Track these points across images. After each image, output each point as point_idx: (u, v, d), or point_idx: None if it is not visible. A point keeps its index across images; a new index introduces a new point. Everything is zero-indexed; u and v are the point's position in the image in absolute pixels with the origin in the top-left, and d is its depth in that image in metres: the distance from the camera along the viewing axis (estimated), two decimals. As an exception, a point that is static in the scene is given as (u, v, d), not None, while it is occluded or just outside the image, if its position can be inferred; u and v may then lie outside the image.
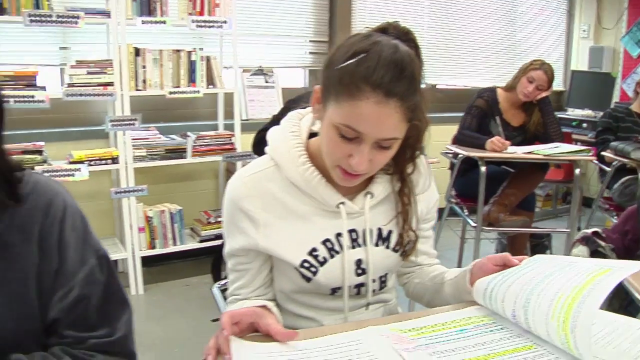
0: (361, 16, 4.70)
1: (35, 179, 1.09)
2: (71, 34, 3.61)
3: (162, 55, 3.52)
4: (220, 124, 3.98)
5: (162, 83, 3.53)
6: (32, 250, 1.05)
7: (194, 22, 3.50)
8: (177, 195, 3.88)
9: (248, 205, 1.26)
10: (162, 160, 3.56)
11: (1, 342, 1.03)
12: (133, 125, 3.35)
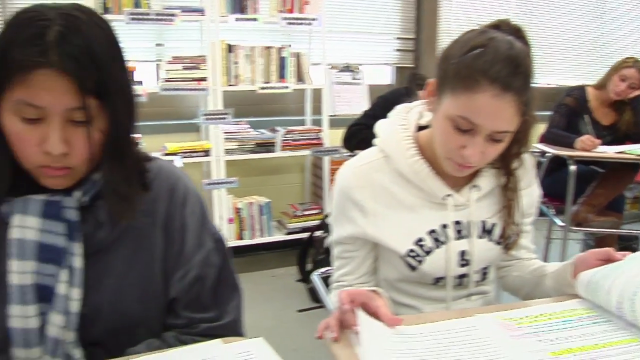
0: (448, 14, 4.68)
1: (159, 164, 1.16)
2: (166, 31, 3.78)
3: (254, 51, 3.63)
4: (308, 119, 4.06)
5: (253, 79, 3.63)
6: (157, 234, 1.13)
7: (285, 20, 3.60)
8: (265, 188, 3.99)
9: (358, 195, 1.32)
10: (252, 154, 3.67)
11: (130, 321, 1.10)
12: (225, 119, 3.47)
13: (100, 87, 0.94)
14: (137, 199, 1.06)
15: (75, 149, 0.97)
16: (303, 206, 3.93)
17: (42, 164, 0.97)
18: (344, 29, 4.35)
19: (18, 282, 1.02)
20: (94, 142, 0.98)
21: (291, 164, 4.14)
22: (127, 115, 1.02)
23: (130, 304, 1.10)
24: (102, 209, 1.07)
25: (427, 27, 4.56)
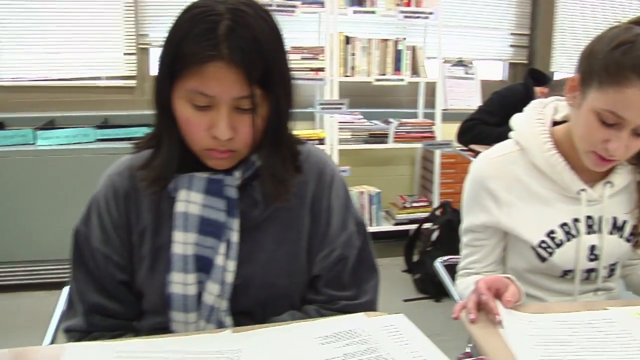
0: (564, 9, 4.60)
1: (308, 148, 1.23)
2: (286, 22, 3.90)
3: (371, 44, 3.70)
4: (420, 112, 4.10)
5: (369, 70, 3.71)
6: (305, 214, 1.21)
7: (402, 13, 3.66)
8: (375, 178, 4.06)
9: (493, 185, 1.38)
10: (365, 144, 3.75)
11: (276, 293, 1.19)
12: (340, 109, 3.57)
13: (265, 78, 1.01)
14: (290, 181, 1.14)
15: (240, 134, 1.05)
16: (412, 198, 3.98)
17: (208, 146, 1.07)
18: (459, 24, 4.36)
19: (181, 252, 1.13)
20: (256, 128, 1.06)
21: (402, 156, 4.20)
22: (287, 103, 1.10)
23: (277, 278, 1.18)
24: (258, 188, 1.16)
25: (543, 23, 4.50)
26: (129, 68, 3.83)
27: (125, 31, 3.78)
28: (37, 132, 3.35)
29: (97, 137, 3.40)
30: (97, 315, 1.19)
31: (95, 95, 3.84)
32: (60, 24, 3.74)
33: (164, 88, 1.05)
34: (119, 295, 1.20)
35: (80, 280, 1.20)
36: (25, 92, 3.79)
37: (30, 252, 3.37)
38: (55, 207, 3.31)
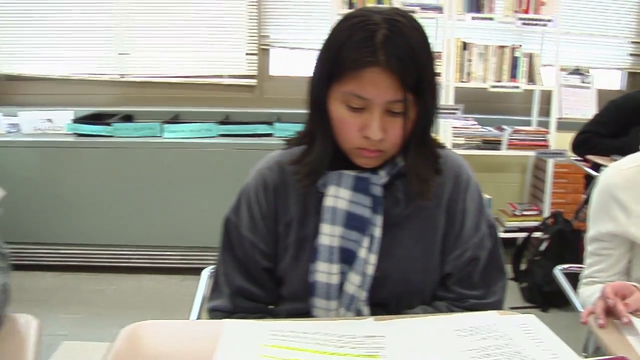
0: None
1: (446, 152, 1.29)
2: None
3: (488, 50, 3.72)
4: (534, 120, 4.06)
5: (485, 77, 3.73)
6: (441, 214, 1.27)
7: (520, 20, 3.65)
8: (486, 184, 4.04)
9: (623, 195, 1.40)
10: (477, 150, 3.76)
11: (411, 288, 1.26)
12: (455, 115, 3.60)
13: (417, 84, 1.08)
14: (432, 182, 1.21)
15: (390, 136, 1.13)
16: (522, 206, 3.95)
17: (359, 145, 1.15)
18: (576, 31, 4.29)
19: (327, 243, 1.21)
20: (405, 131, 1.13)
21: (513, 164, 4.18)
22: (433, 108, 1.16)
23: (413, 273, 1.26)
24: (400, 188, 1.24)
25: (667, 31, 4.36)
26: (250, 68, 4.03)
27: (248, 32, 3.96)
28: (164, 125, 3.58)
29: (219, 132, 3.59)
30: (241, 298, 1.30)
31: (218, 92, 4.06)
32: (186, 25, 3.98)
33: (321, 89, 1.15)
34: (261, 280, 1.31)
35: (227, 265, 1.32)
36: (153, 87, 4.07)
37: (152, 237, 3.62)
38: (178, 197, 3.53)
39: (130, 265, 3.65)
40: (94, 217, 3.59)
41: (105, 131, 3.56)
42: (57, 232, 3.54)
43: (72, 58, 4.08)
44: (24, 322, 1.11)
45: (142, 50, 4.04)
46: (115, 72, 4.08)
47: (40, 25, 4.05)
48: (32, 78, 4.10)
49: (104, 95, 4.08)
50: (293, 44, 4.01)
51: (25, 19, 4.04)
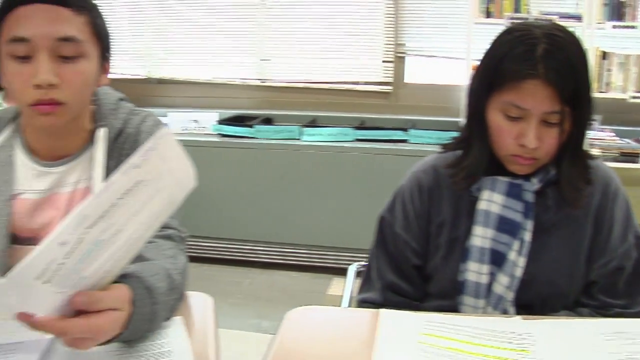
0: None
1: (596, 163, 1.38)
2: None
3: (629, 59, 3.76)
4: (677, 133, 4.05)
5: (624, 87, 3.77)
6: (589, 223, 1.35)
7: (666, 28, 3.67)
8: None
9: None
10: (614, 162, 3.79)
11: (555, 292, 1.35)
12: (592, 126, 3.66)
13: (574, 97, 1.20)
14: (584, 190, 1.31)
15: (545, 145, 1.24)
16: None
17: (515, 153, 1.27)
18: None
19: (479, 245, 1.34)
20: (560, 141, 1.25)
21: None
22: (588, 121, 1.29)
23: (559, 277, 1.35)
24: (551, 195, 1.35)
25: None
26: (386, 75, 4.31)
27: (385, 40, 4.25)
28: (303, 128, 3.91)
29: (356, 137, 3.89)
30: (391, 292, 1.43)
31: (353, 98, 4.38)
32: (325, 33, 4.37)
33: (480, 98, 1.29)
34: (411, 277, 1.44)
35: (380, 260, 1.46)
36: (292, 92, 4.49)
37: (285, 235, 3.99)
38: (313, 198, 3.90)
39: (264, 261, 4.06)
40: (232, 213, 4.01)
41: (248, 133, 3.97)
42: (197, 225, 3.90)
43: (217, 63, 4.63)
44: (200, 300, 1.23)
45: (282, 56, 4.50)
46: (256, 77, 4.57)
47: (188, 33, 4.63)
48: (180, 82, 4.68)
49: (246, 98, 4.57)
50: (428, 52, 4.22)
51: (174, 27, 4.63)
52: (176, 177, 0.90)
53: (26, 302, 0.81)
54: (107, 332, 0.89)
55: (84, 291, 0.85)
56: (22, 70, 1.16)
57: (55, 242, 0.77)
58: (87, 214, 0.78)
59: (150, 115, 1.40)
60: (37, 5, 1.16)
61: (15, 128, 1.36)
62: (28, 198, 1.31)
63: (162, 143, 0.84)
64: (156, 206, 0.88)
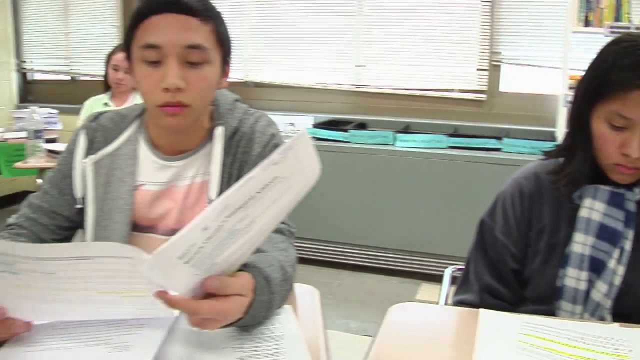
0: None
1: None
2: None
3: None
4: None
5: None
6: None
7: None
8: None
9: None
10: None
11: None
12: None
13: None
14: None
15: None
16: None
17: (617, 162, 1.27)
18: None
19: (579, 251, 1.35)
20: None
21: None
22: None
23: None
24: None
25: None
26: (480, 83, 4.33)
27: (480, 48, 4.28)
28: (397, 134, 3.97)
29: (449, 144, 3.95)
30: (488, 295, 1.45)
31: (447, 105, 4.42)
32: (420, 40, 4.42)
33: (585, 107, 1.30)
34: (509, 280, 1.45)
35: (478, 263, 1.48)
36: (386, 98, 4.58)
37: (375, 238, 4.07)
38: (405, 203, 3.97)
39: (353, 263, 4.16)
40: (324, 215, 4.13)
41: (342, 137, 4.07)
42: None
43: (313, 68, 4.77)
44: (307, 291, 1.29)
45: (377, 63, 4.58)
46: (351, 83, 4.67)
47: (286, 38, 4.79)
48: (277, 86, 4.84)
49: (341, 103, 4.69)
50: (524, 61, 4.20)
51: (273, 33, 4.80)
52: (305, 175, 0.96)
53: (166, 280, 0.91)
54: (231, 316, 0.97)
55: (215, 276, 0.94)
56: (152, 74, 1.28)
57: (199, 227, 0.85)
58: (228, 204, 0.85)
59: (264, 116, 1.49)
60: (169, 14, 1.27)
61: (139, 124, 1.47)
62: (149, 189, 1.42)
63: (299, 143, 0.90)
64: (284, 202, 0.95)
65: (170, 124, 1.34)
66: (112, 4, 5.39)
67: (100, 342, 1.01)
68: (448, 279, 1.81)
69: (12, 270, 0.95)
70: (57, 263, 0.95)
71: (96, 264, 0.94)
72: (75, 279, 0.97)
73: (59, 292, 1.00)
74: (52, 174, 1.48)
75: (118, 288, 0.99)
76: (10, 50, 5.80)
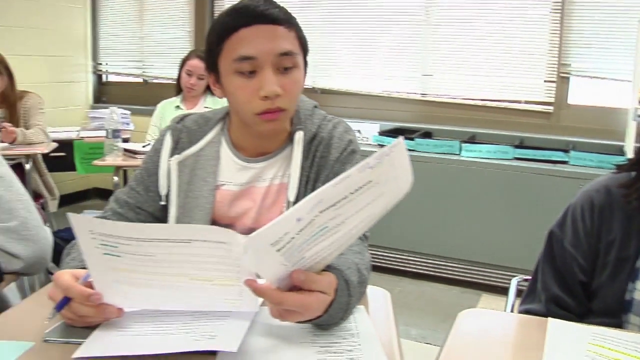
0: None
1: None
2: None
3: None
4: None
5: None
6: None
7: None
8: None
9: None
10: None
11: None
12: None
13: None
14: None
15: None
16: None
17: None
18: None
19: None
20: None
21: None
22: None
23: None
24: None
25: None
26: (548, 94, 4.31)
27: (548, 60, 4.26)
28: (462, 144, 4.00)
29: (515, 156, 3.95)
30: (555, 306, 1.44)
31: (513, 116, 4.42)
32: (487, 51, 4.44)
33: None
34: (576, 292, 1.44)
35: (546, 273, 1.47)
36: (452, 108, 4.62)
37: (437, 247, 4.11)
38: (470, 213, 4.00)
39: (414, 271, 4.21)
40: (388, 222, 4.02)
41: (408, 145, 4.12)
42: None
43: (380, 77, 4.83)
44: (379, 293, 1.32)
45: (444, 72, 4.62)
46: (417, 92, 4.72)
47: (353, 46, 4.88)
48: (343, 93, 4.94)
49: (406, 112, 4.74)
50: (593, 73, 4.16)
51: (340, 41, 4.90)
52: (398, 184, 0.98)
53: (257, 265, 0.95)
54: (313, 311, 1.01)
55: (302, 270, 0.98)
56: (248, 84, 1.35)
57: (294, 217, 0.88)
58: (322, 199, 0.88)
59: (342, 122, 1.54)
60: (258, 26, 1.33)
61: (222, 127, 1.55)
62: (229, 189, 1.49)
63: (396, 151, 0.93)
64: (375, 208, 0.97)
65: (268, 130, 1.41)
66: (184, 9, 5.58)
67: (188, 331, 1.07)
68: (514, 288, 1.82)
69: (116, 252, 1.03)
70: (157, 245, 1.01)
71: (193, 248, 1.01)
72: (171, 263, 1.03)
73: (154, 277, 1.06)
74: (138, 172, 1.56)
75: (209, 275, 1.05)
76: (87, 52, 6.07)
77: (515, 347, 1.20)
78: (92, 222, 1.03)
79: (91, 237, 1.01)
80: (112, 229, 1.02)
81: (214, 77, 1.44)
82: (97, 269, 1.06)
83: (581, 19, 4.12)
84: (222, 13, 1.40)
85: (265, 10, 1.34)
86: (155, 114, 4.30)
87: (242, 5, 1.36)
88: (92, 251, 1.03)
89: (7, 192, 1.54)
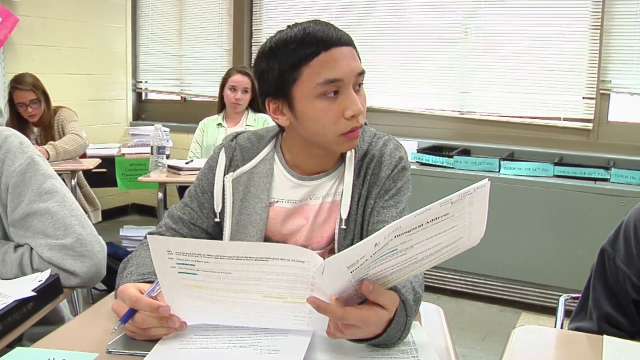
0: None
1: None
2: None
3: None
4: None
5: None
6: None
7: None
8: None
9: None
10: None
11: None
12: None
13: None
14: None
15: None
16: None
17: None
18: None
19: None
20: None
21: None
22: None
23: None
24: None
25: None
26: (587, 111, 4.31)
27: (587, 77, 4.27)
28: (502, 161, 4.02)
29: (555, 173, 3.96)
30: (606, 324, 1.43)
31: (552, 134, 4.43)
32: (525, 67, 4.46)
33: None
34: (628, 311, 1.42)
35: (598, 291, 1.46)
36: (490, 125, 4.64)
37: (477, 266, 4.12)
38: (509, 231, 3.99)
39: (452, 289, 4.23)
40: None
41: (447, 162, 4.18)
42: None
43: (418, 94, 4.88)
44: (433, 309, 1.39)
45: (482, 89, 4.65)
46: (455, 109, 4.76)
47: (392, 64, 4.94)
48: (382, 110, 5.00)
49: (444, 129, 4.78)
50: (633, 90, 4.15)
51: (378, 59, 4.95)
52: (471, 222, 1.03)
53: (329, 283, 0.99)
54: (372, 325, 1.05)
55: (371, 280, 1.01)
56: (333, 106, 1.37)
57: (372, 243, 0.92)
58: (401, 226, 0.93)
59: (392, 139, 1.56)
60: (336, 48, 1.36)
61: (274, 144, 1.58)
62: (282, 206, 1.52)
63: (478, 192, 0.98)
64: (443, 239, 1.02)
65: (350, 148, 1.45)
66: (223, 28, 5.71)
67: (250, 345, 1.11)
68: (562, 307, 1.83)
69: (192, 270, 1.07)
70: (235, 262, 1.05)
71: (269, 266, 1.04)
72: (247, 280, 1.07)
73: (227, 293, 1.10)
74: (192, 188, 1.60)
75: (283, 293, 1.08)
76: (127, 71, 6.23)
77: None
78: (170, 241, 1.09)
79: (168, 257, 1.07)
80: (191, 247, 1.06)
81: (277, 105, 1.44)
82: (170, 284, 1.11)
83: (621, 35, 4.11)
84: (284, 41, 1.39)
85: (338, 33, 1.38)
86: (198, 132, 4.38)
87: (310, 31, 1.37)
88: (167, 270, 1.09)
89: (61, 208, 1.56)
